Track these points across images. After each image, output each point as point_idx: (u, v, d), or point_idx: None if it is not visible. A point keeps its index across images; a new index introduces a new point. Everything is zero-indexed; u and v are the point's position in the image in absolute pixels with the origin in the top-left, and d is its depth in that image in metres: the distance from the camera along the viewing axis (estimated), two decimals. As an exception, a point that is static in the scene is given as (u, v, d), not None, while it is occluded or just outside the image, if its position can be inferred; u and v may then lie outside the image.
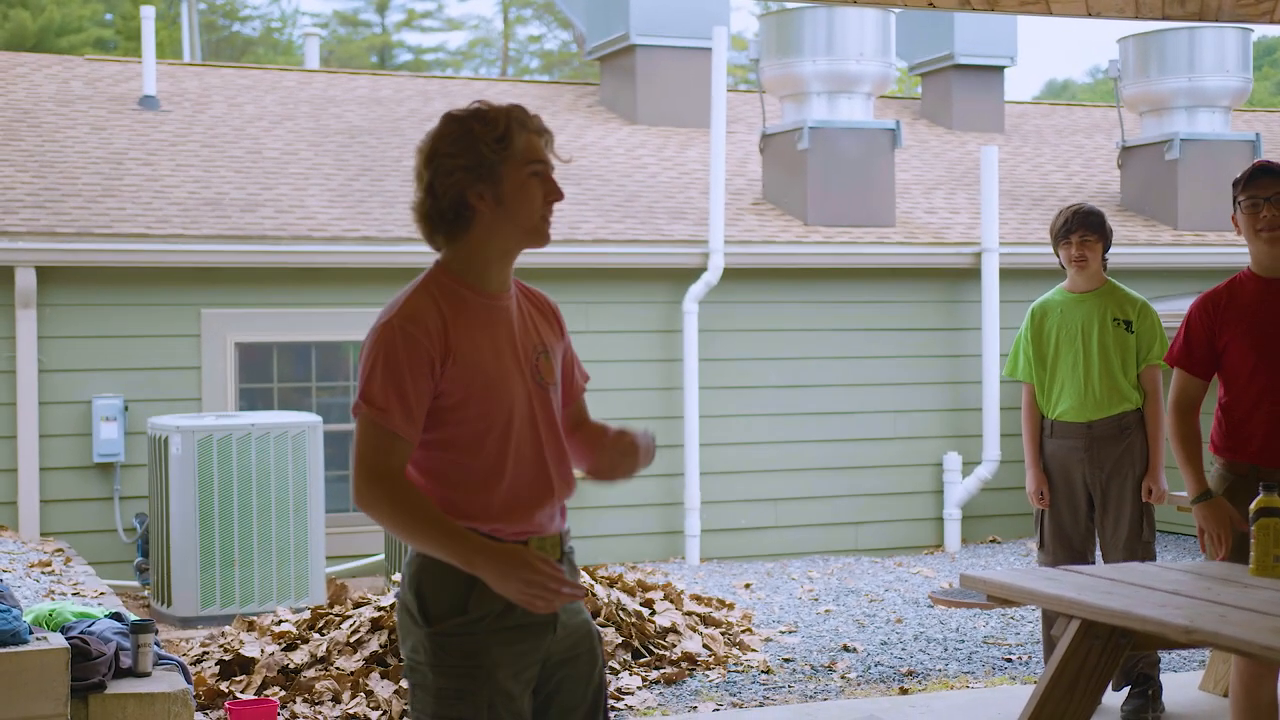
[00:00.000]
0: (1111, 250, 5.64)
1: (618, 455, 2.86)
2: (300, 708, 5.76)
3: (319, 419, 8.50)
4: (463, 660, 2.65)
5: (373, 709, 5.75)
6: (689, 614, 7.03)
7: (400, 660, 6.02)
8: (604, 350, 9.76)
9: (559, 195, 2.75)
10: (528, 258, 2.91)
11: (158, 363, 9.35)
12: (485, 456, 2.69)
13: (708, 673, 6.49)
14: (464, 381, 2.67)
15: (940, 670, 6.68)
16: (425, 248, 2.83)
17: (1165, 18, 5.49)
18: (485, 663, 2.65)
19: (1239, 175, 4.42)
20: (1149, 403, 5.39)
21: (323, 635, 6.33)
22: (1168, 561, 4.50)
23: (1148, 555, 5.37)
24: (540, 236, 2.75)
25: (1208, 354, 4.39)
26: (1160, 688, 5.35)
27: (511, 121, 2.70)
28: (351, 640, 6.18)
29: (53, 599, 6.26)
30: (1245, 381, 4.32)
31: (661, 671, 6.40)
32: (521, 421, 2.73)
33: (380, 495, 2.61)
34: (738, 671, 6.58)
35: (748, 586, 9.02)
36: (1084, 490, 5.43)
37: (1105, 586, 3.76)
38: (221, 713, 5.67)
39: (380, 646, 6.12)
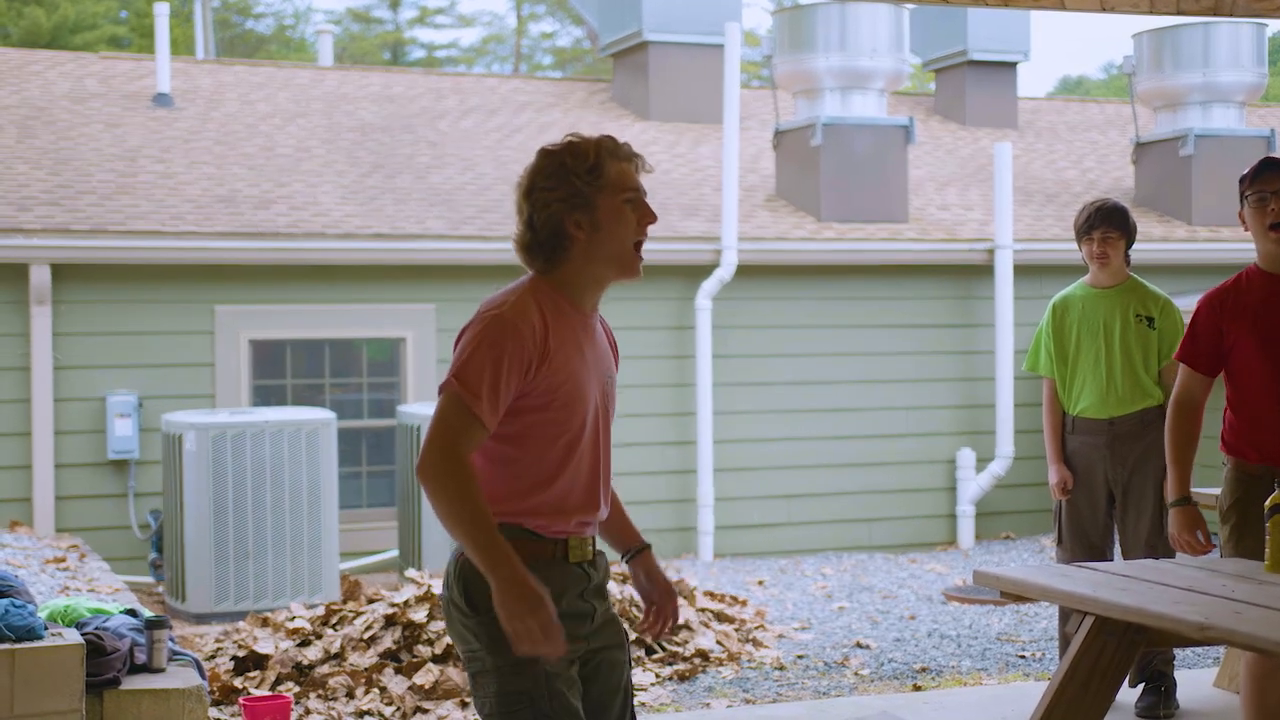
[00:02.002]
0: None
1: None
2: (314, 704, 5.77)
3: (332, 415, 8.51)
4: None
5: (386, 705, 5.76)
6: (702, 610, 7.03)
7: (414, 657, 6.03)
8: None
9: (653, 218, 2.91)
10: None
11: (172, 359, 9.37)
12: (551, 458, 2.84)
13: (721, 669, 6.49)
14: (553, 386, 2.80)
15: (954, 667, 6.67)
16: (439, 244, 2.89)
17: (1180, 13, 5.47)
18: None
19: (1245, 171, 4.38)
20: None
21: (336, 631, 6.34)
22: (1184, 559, 4.47)
23: (1168, 552, 5.34)
24: (630, 268, 2.90)
25: (1214, 351, 4.35)
26: (1174, 684, 5.33)
27: (602, 152, 2.85)
28: (365, 636, 6.19)
29: (68, 595, 6.28)
30: (1253, 379, 4.28)
31: (674, 668, 6.40)
32: (589, 434, 2.89)
33: (447, 472, 2.70)
34: (751, 668, 6.58)
35: (761, 583, 9.01)
36: (1104, 487, 5.41)
37: (1120, 583, 3.74)
38: (236, 708, 5.68)
39: (394, 643, 6.13)
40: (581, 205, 2.82)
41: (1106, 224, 5.39)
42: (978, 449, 10.73)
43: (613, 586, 6.69)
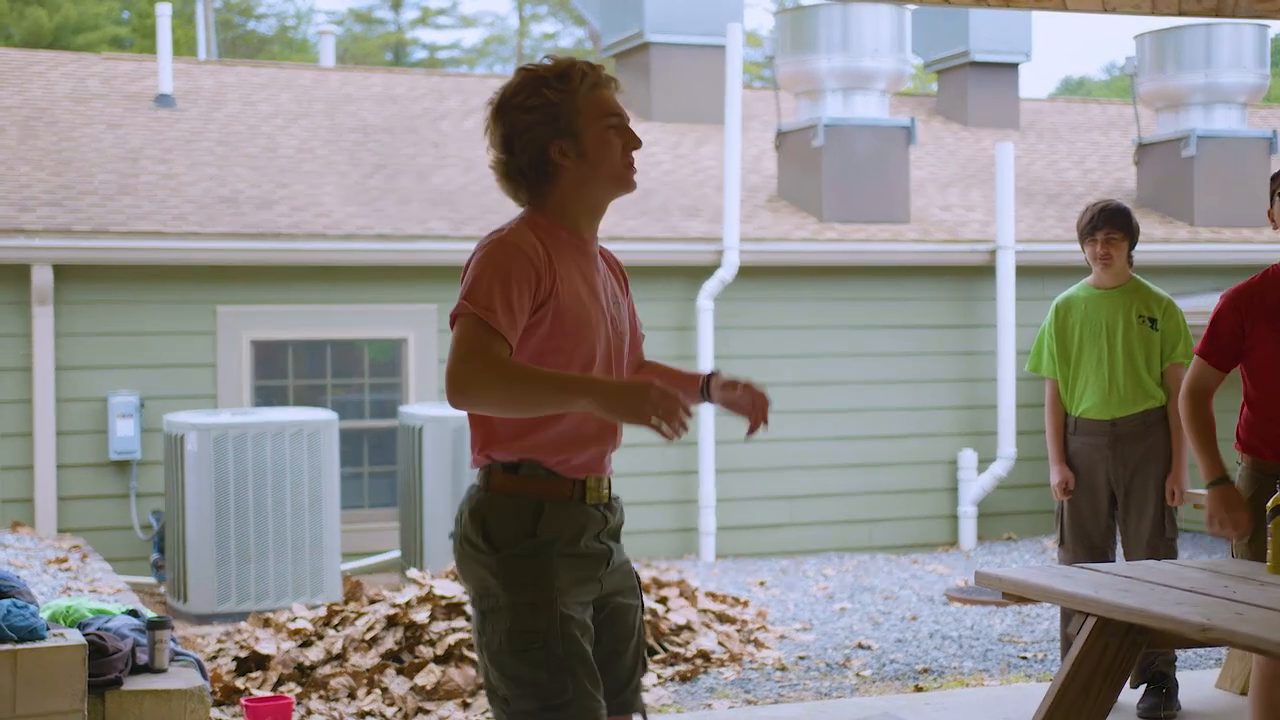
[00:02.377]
0: (1132, 247, 5.60)
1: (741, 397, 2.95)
2: (316, 704, 5.77)
3: (334, 416, 8.51)
4: (535, 578, 2.74)
5: (388, 705, 5.76)
6: (704, 611, 7.03)
7: (415, 658, 6.03)
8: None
9: (638, 143, 2.85)
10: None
11: (174, 360, 9.37)
12: None
13: (722, 670, 6.49)
14: (559, 310, 2.76)
15: (955, 668, 6.66)
16: (440, 245, 2.89)
17: (1182, 13, 5.46)
18: (556, 581, 2.75)
19: None
20: (1173, 401, 5.35)
21: (338, 632, 6.34)
22: (1187, 560, 4.47)
23: (1170, 553, 5.34)
24: (626, 183, 2.84)
25: (1233, 348, 4.34)
26: (1176, 685, 5.33)
27: (579, 74, 2.79)
28: (367, 637, 6.19)
29: (70, 595, 6.28)
30: (1274, 378, 4.27)
31: (676, 669, 6.40)
32: (600, 360, 2.84)
33: (486, 366, 2.62)
34: (752, 669, 6.57)
35: (762, 584, 9.01)
36: (1106, 488, 5.41)
37: (1121, 584, 3.74)
38: (237, 709, 5.68)
39: (396, 643, 6.13)
40: (564, 131, 2.76)
41: (1110, 225, 5.39)
42: (979, 450, 10.73)
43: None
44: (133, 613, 5.05)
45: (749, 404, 2.95)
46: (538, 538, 2.75)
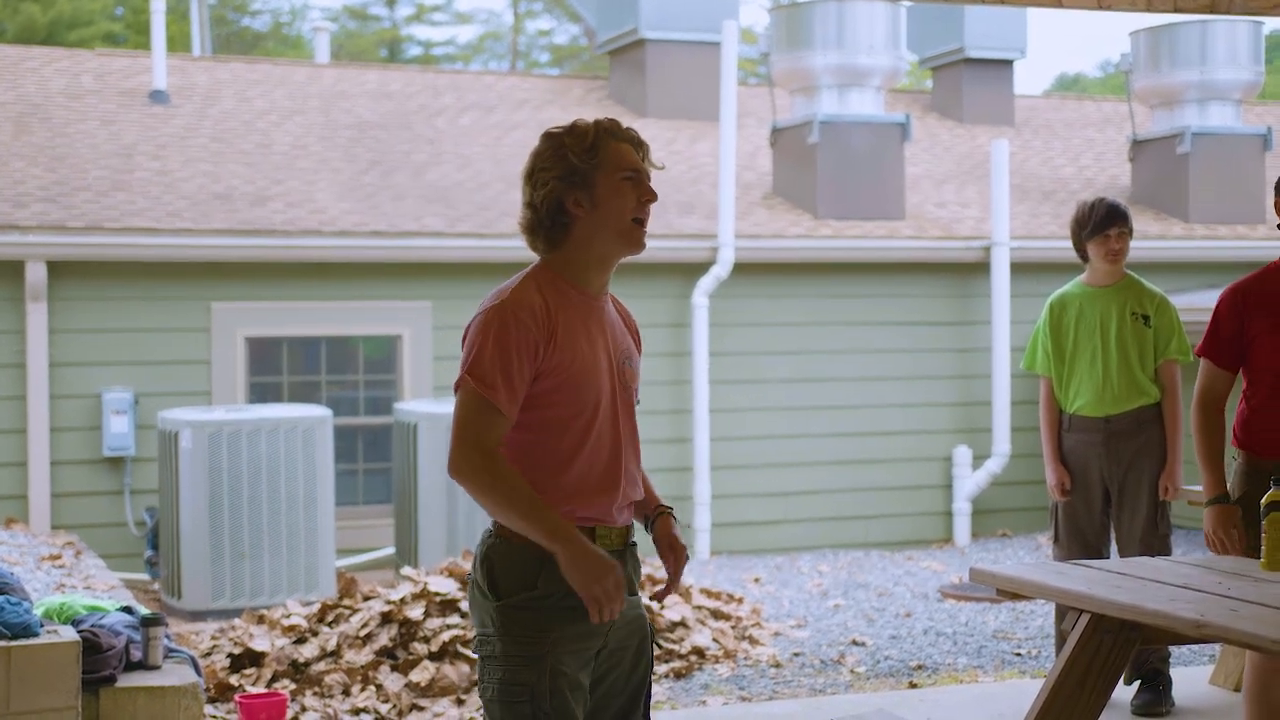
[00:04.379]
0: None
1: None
2: (310, 701, 5.77)
3: (329, 412, 8.50)
4: (530, 631, 2.80)
5: (382, 702, 5.75)
6: (698, 608, 7.03)
7: (410, 655, 6.03)
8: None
9: (652, 196, 2.91)
10: (532, 253, 2.96)
11: (168, 356, 9.36)
12: (568, 440, 2.84)
13: (716, 667, 6.49)
14: (562, 366, 2.82)
15: (949, 664, 6.67)
16: (436, 242, 2.90)
17: (1177, 10, 5.47)
18: (550, 636, 2.80)
19: None
20: (1166, 398, 5.37)
21: (332, 629, 6.33)
22: (1181, 556, 4.47)
23: (1163, 550, 5.35)
24: (632, 241, 2.91)
25: (1236, 345, 4.30)
26: (1170, 682, 5.34)
27: (600, 132, 2.88)
28: (361, 634, 6.18)
29: (63, 592, 6.27)
30: (1270, 375, 4.25)
31: (670, 665, 6.40)
32: (605, 413, 2.88)
33: (480, 467, 2.76)
34: (747, 665, 6.58)
35: (757, 580, 9.01)
36: (1100, 485, 5.42)
37: (1115, 580, 3.74)
38: (231, 706, 5.68)
39: (390, 640, 6.13)
40: (580, 184, 2.85)
41: (1124, 220, 5.41)
42: (974, 446, 10.73)
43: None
44: (127, 609, 5.05)
45: (672, 564, 3.03)
46: (537, 590, 2.80)
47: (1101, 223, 5.40)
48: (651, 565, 8.05)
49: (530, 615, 2.79)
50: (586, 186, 2.85)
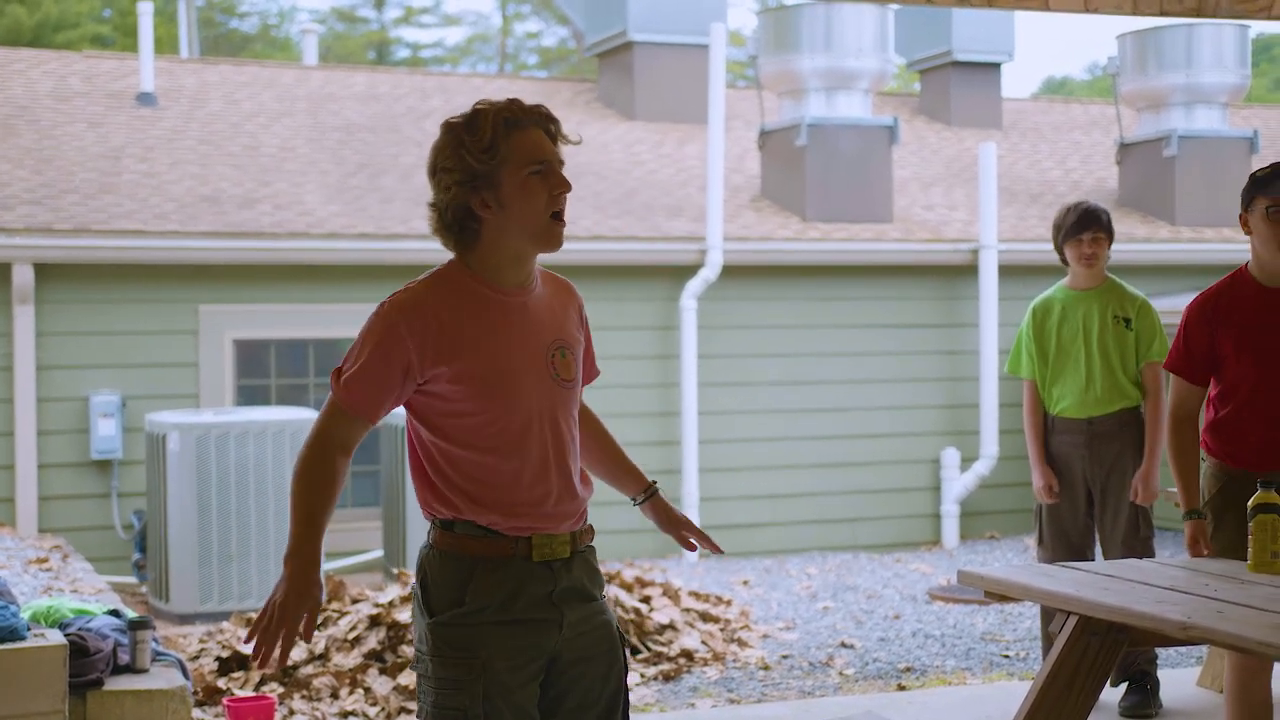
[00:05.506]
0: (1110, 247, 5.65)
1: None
2: (298, 704, 5.76)
3: (317, 415, 8.48)
4: (459, 651, 2.67)
5: (370, 705, 5.75)
6: (687, 610, 7.04)
7: (398, 658, 6.03)
8: (602, 347, 9.64)
9: (565, 186, 2.72)
10: None
11: (155, 359, 9.34)
12: (486, 449, 2.70)
13: (705, 669, 6.49)
14: (466, 374, 2.68)
15: (938, 666, 6.68)
16: (422, 244, 2.88)
17: (1163, 14, 5.49)
18: (481, 654, 2.66)
19: (1260, 173, 4.18)
20: (1149, 400, 5.38)
21: (320, 632, 6.33)
22: (1167, 558, 4.48)
23: (1147, 552, 5.37)
24: (549, 240, 2.73)
25: (1207, 359, 4.25)
26: (1158, 683, 5.36)
27: (499, 126, 2.68)
28: (350, 637, 6.18)
29: (51, 595, 6.25)
30: (1240, 387, 4.21)
31: (659, 668, 6.40)
32: (532, 418, 2.73)
33: (302, 459, 2.71)
34: (736, 668, 6.58)
35: (746, 583, 9.02)
36: (1084, 486, 5.44)
37: (1102, 583, 3.75)
38: (219, 709, 5.67)
39: (378, 643, 6.12)
40: (484, 184, 2.68)
41: (1096, 225, 5.45)
42: (962, 449, 10.75)
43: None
44: (114, 613, 5.04)
45: (685, 534, 3.03)
46: (465, 606, 2.67)
47: (1074, 228, 5.44)
48: (641, 568, 8.04)
49: (460, 633, 2.67)
50: (492, 186, 2.68)
